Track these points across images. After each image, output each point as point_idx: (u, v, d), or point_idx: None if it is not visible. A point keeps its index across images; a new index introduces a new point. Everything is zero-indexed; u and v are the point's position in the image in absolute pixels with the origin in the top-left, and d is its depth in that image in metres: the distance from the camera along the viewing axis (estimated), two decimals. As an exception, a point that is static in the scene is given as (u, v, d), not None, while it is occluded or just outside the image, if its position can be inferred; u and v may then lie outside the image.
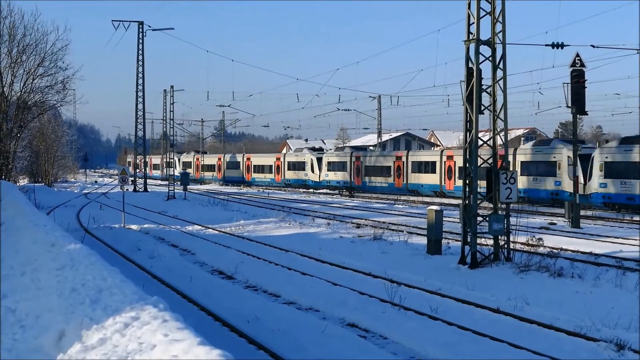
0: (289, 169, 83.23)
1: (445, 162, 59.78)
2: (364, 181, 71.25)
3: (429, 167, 62.28)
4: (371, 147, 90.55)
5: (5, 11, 43.26)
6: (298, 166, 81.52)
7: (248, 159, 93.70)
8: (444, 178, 59.61)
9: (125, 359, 8.25)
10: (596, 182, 45.26)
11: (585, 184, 45.80)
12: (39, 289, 12.46)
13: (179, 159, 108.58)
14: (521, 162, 51.99)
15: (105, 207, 48.91)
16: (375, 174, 69.72)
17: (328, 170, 75.92)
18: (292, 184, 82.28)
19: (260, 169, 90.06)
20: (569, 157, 47.29)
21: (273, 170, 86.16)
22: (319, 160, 77.83)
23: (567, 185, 46.45)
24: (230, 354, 7.39)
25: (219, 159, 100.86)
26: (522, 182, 48.86)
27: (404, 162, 65.62)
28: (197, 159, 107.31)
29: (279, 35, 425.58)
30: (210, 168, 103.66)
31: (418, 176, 63.43)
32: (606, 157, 45.12)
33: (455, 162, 57.86)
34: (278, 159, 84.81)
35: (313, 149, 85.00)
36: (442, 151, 63.77)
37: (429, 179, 61.73)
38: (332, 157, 76.81)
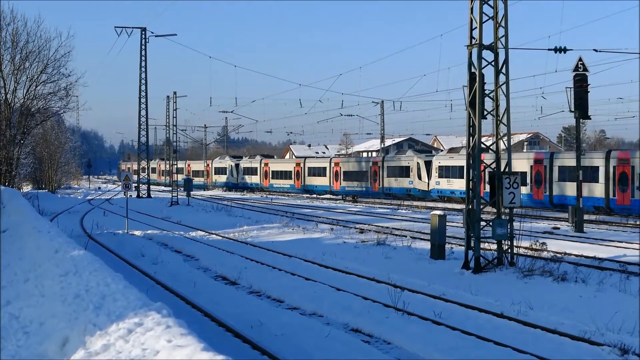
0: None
1: (333, 167, 76.30)
2: (270, 183, 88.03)
3: (321, 171, 78.46)
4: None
5: (9, 18, 43.38)
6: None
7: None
8: (332, 180, 75.97)
9: (129, 365, 8.25)
10: (434, 181, 61.35)
11: (428, 183, 61.98)
12: (43, 295, 12.45)
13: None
14: (387, 167, 68.49)
15: (109, 213, 48.96)
16: (278, 177, 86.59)
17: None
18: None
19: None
20: (418, 163, 63.80)
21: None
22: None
23: (417, 184, 64.13)
24: (233, 359, 7.39)
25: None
26: (388, 182, 68.36)
27: (302, 167, 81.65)
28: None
29: (282, 41, 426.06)
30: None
31: (312, 179, 79.85)
32: (439, 162, 61.13)
33: (340, 167, 75.56)
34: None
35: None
36: (330, 159, 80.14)
37: (322, 181, 78.04)
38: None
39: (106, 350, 9.00)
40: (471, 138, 21.79)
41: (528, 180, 51.04)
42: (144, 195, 74.00)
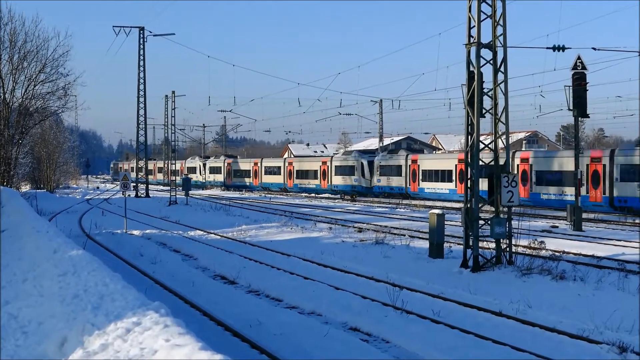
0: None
1: (287, 167, 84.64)
2: (233, 181, 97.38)
3: (276, 170, 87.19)
4: None
5: (6, 17, 43.41)
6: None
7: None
8: (286, 178, 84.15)
9: (127, 364, 8.25)
10: (375, 179, 69.01)
11: (371, 180, 69.59)
12: (42, 295, 12.46)
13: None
14: (335, 166, 75.65)
15: (107, 213, 48.93)
16: (240, 175, 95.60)
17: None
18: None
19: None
20: (362, 163, 70.80)
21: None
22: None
23: (361, 182, 70.98)
24: (231, 358, 7.39)
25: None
26: (336, 180, 75.28)
27: (259, 166, 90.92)
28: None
29: (280, 40, 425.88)
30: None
31: (269, 177, 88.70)
32: (380, 162, 68.83)
33: (293, 166, 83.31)
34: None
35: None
36: (284, 159, 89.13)
37: (277, 179, 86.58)
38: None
39: (104, 350, 9.00)
40: (470, 137, 21.79)
41: (454, 177, 58.14)
42: (142, 195, 73.98)
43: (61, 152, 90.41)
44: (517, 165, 51.21)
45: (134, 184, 72.66)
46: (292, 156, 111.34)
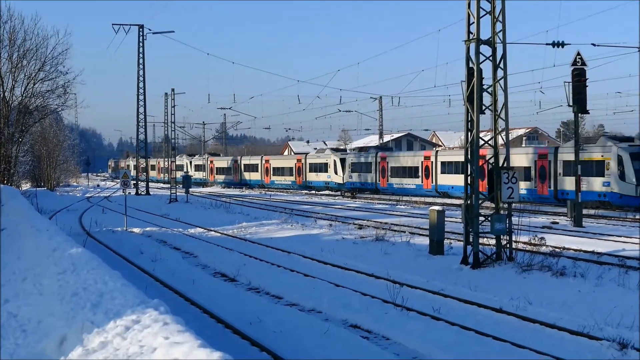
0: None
1: (264, 164, 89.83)
2: (215, 178, 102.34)
3: (255, 167, 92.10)
4: None
5: (6, 16, 43.45)
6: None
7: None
8: (264, 175, 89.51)
9: (126, 362, 8.24)
10: (347, 175, 73.27)
11: (343, 177, 73.87)
12: (41, 293, 12.46)
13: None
14: (309, 163, 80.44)
15: (108, 211, 48.93)
16: (221, 172, 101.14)
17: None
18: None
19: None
20: (335, 160, 75.49)
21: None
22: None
23: (334, 178, 75.39)
24: (230, 356, 7.37)
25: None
26: (311, 177, 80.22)
27: (239, 164, 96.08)
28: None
29: (280, 37, 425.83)
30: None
31: (248, 174, 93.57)
32: (352, 160, 73.45)
33: (270, 164, 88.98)
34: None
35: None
36: (262, 157, 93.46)
37: (256, 176, 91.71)
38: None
39: (104, 348, 9.00)
40: (469, 133, 21.77)
41: (420, 173, 63.36)
42: (142, 193, 74.01)
43: (61, 150, 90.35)
44: (535, 162, 51.81)
45: (134, 182, 72.66)
46: (291, 153, 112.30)
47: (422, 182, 63.25)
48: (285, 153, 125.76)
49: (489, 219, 21.55)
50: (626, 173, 43.77)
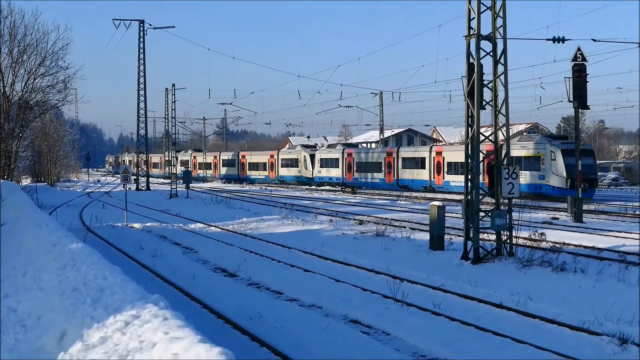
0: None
1: (240, 160, 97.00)
2: (198, 173, 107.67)
3: (231, 163, 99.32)
4: None
5: (6, 11, 43.34)
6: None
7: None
8: (240, 170, 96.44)
9: (125, 357, 8.24)
10: (317, 170, 79.32)
11: (312, 171, 79.77)
12: (41, 289, 12.46)
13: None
14: (281, 159, 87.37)
15: (108, 206, 48.95)
16: (203, 167, 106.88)
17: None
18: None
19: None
20: (305, 156, 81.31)
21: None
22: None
23: (304, 173, 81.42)
24: (230, 351, 7.37)
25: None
26: (282, 171, 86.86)
27: (218, 159, 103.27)
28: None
29: (280, 33, 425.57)
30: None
31: (225, 169, 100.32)
32: (321, 156, 79.47)
33: (246, 159, 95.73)
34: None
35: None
36: (238, 153, 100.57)
37: (232, 171, 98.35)
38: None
39: (103, 343, 9.01)
40: (470, 128, 21.75)
41: (383, 168, 69.26)
42: (143, 188, 74.02)
43: (62, 145, 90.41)
44: (433, 157, 62.51)
45: (135, 177, 72.69)
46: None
47: (384, 177, 69.13)
48: (286, 148, 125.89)
49: (489, 214, 21.54)
50: (558, 167, 49.16)
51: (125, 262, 21.61)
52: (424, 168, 63.65)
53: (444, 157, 61.02)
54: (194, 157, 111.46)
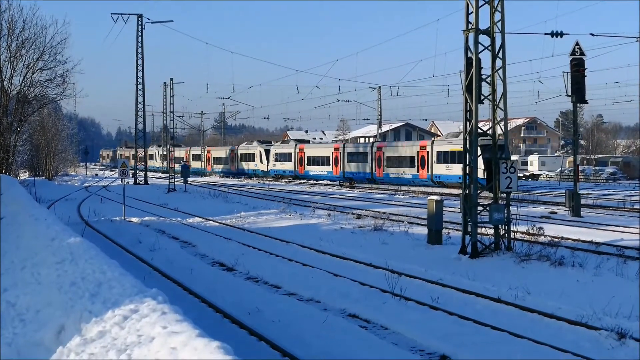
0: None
1: (206, 154, 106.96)
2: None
3: (198, 157, 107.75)
4: None
5: (4, 5, 43.26)
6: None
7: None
8: (206, 164, 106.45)
9: (124, 351, 8.24)
10: (272, 164, 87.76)
11: (267, 165, 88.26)
12: (39, 283, 12.46)
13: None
14: (240, 154, 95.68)
15: (106, 200, 48.92)
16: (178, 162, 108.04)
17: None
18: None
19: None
20: (260, 151, 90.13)
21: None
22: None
23: (260, 166, 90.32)
24: (229, 345, 7.38)
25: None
26: (242, 165, 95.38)
27: (189, 154, 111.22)
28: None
29: (278, 27, 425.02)
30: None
31: (193, 163, 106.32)
32: (275, 150, 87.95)
33: (211, 154, 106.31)
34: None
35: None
36: (204, 148, 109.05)
37: (197, 165, 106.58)
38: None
39: (102, 337, 9.01)
40: (468, 123, 21.74)
41: (331, 162, 77.21)
42: (141, 182, 74.00)
43: (60, 139, 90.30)
44: (375, 152, 70.74)
45: (132, 172, 72.69)
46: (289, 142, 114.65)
47: (332, 170, 77.47)
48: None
49: (487, 208, 21.54)
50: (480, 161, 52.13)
51: (123, 257, 21.61)
52: (367, 162, 71.89)
53: (384, 153, 69.66)
54: (171, 151, 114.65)
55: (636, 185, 65.56)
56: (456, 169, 56.62)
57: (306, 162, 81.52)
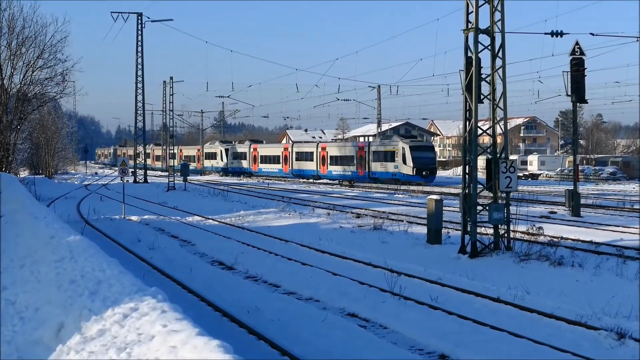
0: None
1: (179, 153, 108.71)
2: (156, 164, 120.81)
3: (192, 158, 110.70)
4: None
5: (4, 4, 43.19)
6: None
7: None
8: (197, 162, 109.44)
9: (124, 350, 8.25)
10: (230, 162, 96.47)
11: (227, 163, 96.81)
12: (39, 281, 12.45)
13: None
14: (205, 152, 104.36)
15: (106, 199, 48.93)
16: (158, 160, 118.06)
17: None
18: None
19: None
20: (221, 150, 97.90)
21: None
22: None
23: (220, 164, 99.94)
24: (228, 344, 7.38)
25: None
26: (206, 163, 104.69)
27: (167, 153, 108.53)
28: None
29: (278, 26, 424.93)
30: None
31: (172, 161, 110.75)
32: (233, 149, 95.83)
33: (183, 153, 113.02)
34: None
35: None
36: (178, 147, 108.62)
37: (171, 162, 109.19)
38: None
39: (102, 336, 9.01)
40: (468, 122, 21.74)
41: (281, 160, 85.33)
42: (140, 181, 74.00)
43: (59, 138, 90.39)
44: (319, 152, 78.45)
45: (132, 170, 72.72)
46: (289, 141, 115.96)
47: (282, 167, 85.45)
48: (284, 141, 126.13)
49: (487, 208, 21.54)
50: (407, 160, 65.21)
51: (122, 255, 21.60)
52: (312, 160, 79.77)
53: (327, 152, 77.17)
54: (153, 149, 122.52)
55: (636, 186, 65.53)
56: (390, 167, 67.40)
57: (259, 161, 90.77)
